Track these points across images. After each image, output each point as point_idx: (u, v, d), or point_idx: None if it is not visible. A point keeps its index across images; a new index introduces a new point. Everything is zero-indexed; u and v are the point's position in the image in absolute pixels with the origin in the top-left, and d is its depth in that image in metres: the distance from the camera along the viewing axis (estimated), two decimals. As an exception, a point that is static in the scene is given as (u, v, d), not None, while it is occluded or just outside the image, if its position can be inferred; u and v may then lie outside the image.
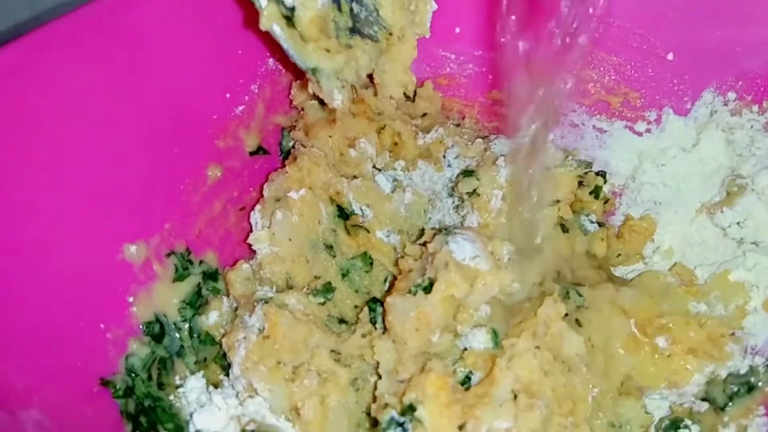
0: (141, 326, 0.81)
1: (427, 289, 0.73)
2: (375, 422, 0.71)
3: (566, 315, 0.74)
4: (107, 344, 0.78)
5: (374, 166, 0.92)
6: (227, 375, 0.77)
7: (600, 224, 0.90)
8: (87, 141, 0.75)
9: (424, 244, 0.77)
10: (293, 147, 0.93)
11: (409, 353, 0.72)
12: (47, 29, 0.70)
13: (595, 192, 0.90)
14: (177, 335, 0.83)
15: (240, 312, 0.79)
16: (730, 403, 0.73)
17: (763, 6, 0.81)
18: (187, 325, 0.83)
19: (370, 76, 0.96)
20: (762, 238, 0.81)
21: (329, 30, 0.76)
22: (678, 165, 0.90)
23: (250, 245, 0.86)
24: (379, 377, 0.72)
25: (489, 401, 0.66)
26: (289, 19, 0.74)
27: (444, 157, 0.91)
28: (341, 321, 0.83)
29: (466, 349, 0.73)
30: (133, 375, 0.79)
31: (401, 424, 0.67)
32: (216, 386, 0.79)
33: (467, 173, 0.86)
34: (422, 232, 0.86)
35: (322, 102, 0.86)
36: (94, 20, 0.74)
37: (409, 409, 0.66)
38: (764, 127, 0.84)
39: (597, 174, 0.91)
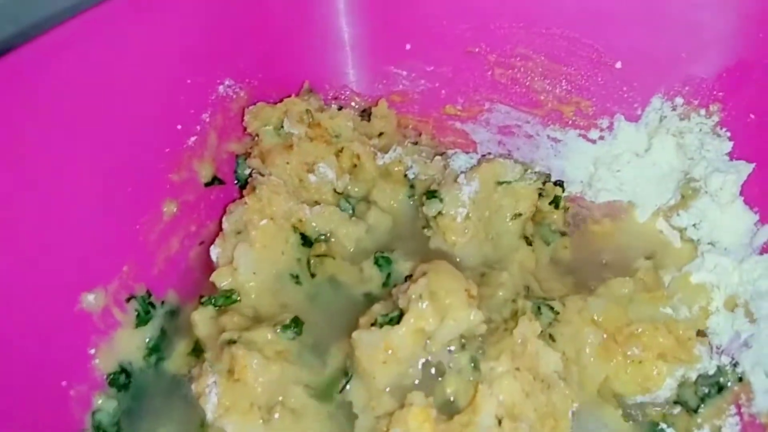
0: (105, 378, 0.78)
1: (395, 320, 0.72)
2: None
3: (541, 332, 0.74)
4: (71, 402, 0.74)
5: (335, 190, 0.91)
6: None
7: (562, 233, 0.91)
8: (35, 187, 0.72)
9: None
10: (250, 175, 0.91)
11: (379, 387, 0.72)
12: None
13: (555, 202, 0.91)
14: (144, 382, 0.79)
15: (207, 356, 0.77)
16: (702, 405, 0.75)
17: (706, 13, 0.83)
18: (152, 371, 0.80)
19: (326, 99, 0.95)
20: (717, 238, 0.84)
21: None
22: (632, 170, 0.92)
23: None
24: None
25: (474, 429, 0.66)
26: None
27: (405, 176, 0.90)
28: (314, 349, 0.81)
29: (442, 375, 0.73)
30: (101, 432, 0.76)
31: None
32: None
33: (430, 194, 0.86)
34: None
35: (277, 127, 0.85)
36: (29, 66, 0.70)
37: None
38: (712, 130, 0.87)
39: (555, 184, 0.93)
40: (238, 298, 0.81)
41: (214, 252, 0.86)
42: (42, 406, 0.71)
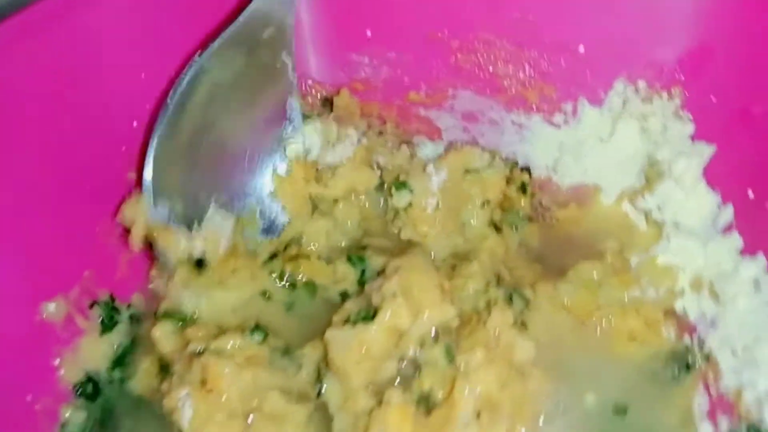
0: (72, 389, 0.75)
1: (368, 318, 0.71)
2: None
3: (513, 321, 0.75)
4: (37, 417, 0.72)
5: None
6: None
7: (529, 219, 0.91)
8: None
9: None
10: None
11: (354, 386, 0.71)
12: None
13: (522, 188, 0.91)
14: (111, 396, 0.77)
15: (176, 368, 0.74)
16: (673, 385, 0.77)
17: (666, -4, 0.84)
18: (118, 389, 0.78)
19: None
20: (681, 219, 0.85)
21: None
22: (597, 154, 0.92)
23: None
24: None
25: (453, 424, 0.66)
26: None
27: (372, 167, 0.89)
28: (285, 352, 0.79)
29: (418, 370, 0.72)
30: (72, 446, 0.73)
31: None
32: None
33: (399, 185, 0.85)
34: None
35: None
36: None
37: None
38: (674, 113, 0.88)
39: (522, 170, 0.92)
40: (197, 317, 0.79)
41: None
42: (6, 422, 0.68)
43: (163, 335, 0.76)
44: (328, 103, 0.97)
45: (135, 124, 0.84)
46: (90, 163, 0.79)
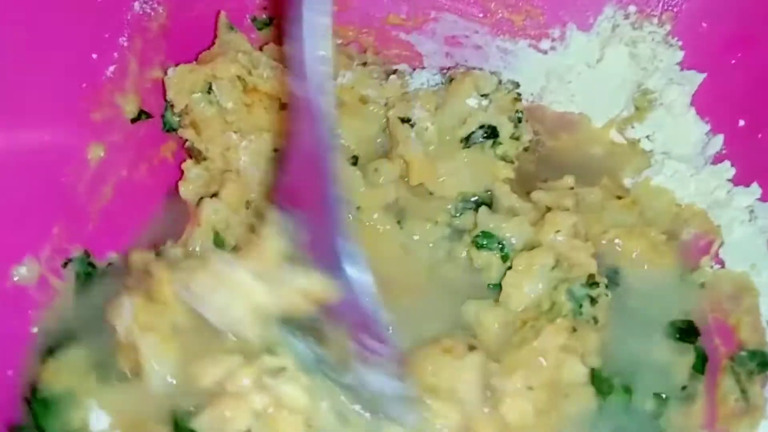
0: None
1: None
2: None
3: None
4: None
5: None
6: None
7: (525, 149, 0.87)
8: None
9: None
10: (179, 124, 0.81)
11: None
12: None
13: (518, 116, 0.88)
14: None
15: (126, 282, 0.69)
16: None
17: None
18: None
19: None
20: (670, 149, 0.85)
21: None
22: (584, 81, 0.90)
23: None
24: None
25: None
26: None
27: (363, 102, 0.83)
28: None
29: None
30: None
31: None
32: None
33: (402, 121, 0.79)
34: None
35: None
36: None
37: None
38: (664, 40, 0.86)
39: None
40: None
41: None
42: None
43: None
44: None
45: (95, 56, 0.74)
46: (51, 104, 0.69)
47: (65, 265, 0.71)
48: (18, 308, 0.66)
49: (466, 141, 0.80)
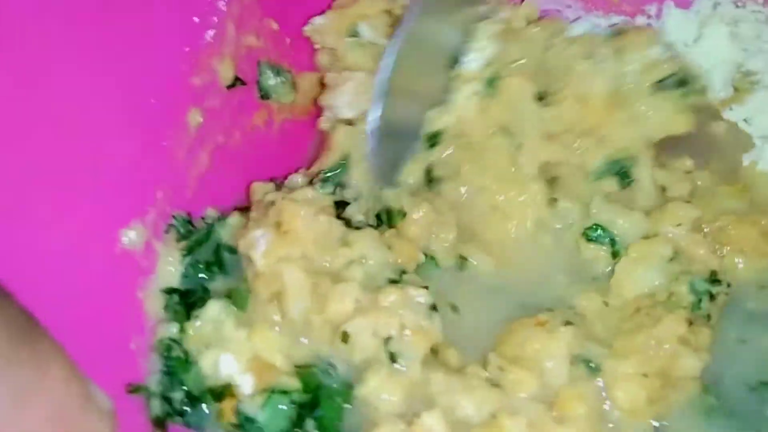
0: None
1: None
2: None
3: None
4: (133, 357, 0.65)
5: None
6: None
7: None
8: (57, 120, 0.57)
9: None
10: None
11: None
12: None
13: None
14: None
15: (253, 215, 0.72)
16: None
17: None
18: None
19: None
20: (770, 133, 0.84)
21: None
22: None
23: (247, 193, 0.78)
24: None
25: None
26: None
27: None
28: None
29: None
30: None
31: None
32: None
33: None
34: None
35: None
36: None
37: None
38: (768, 20, 0.84)
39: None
40: None
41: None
42: (111, 368, 0.61)
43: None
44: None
45: (196, 20, 0.73)
46: (155, 69, 0.68)
47: (167, 230, 0.71)
48: (127, 275, 0.66)
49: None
